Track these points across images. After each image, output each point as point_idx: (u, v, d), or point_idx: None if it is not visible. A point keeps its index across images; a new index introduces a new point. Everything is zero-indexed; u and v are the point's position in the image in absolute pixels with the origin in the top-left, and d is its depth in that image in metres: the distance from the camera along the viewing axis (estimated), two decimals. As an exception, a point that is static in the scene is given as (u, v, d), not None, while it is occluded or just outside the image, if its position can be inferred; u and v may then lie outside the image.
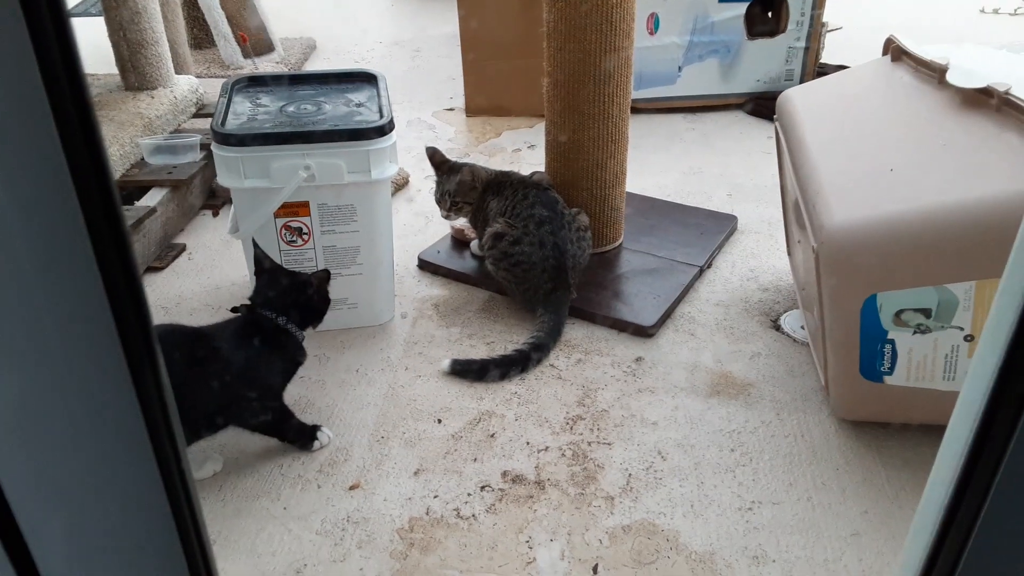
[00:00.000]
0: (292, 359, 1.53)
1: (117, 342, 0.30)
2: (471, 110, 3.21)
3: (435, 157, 2.11)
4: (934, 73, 1.59)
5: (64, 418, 0.31)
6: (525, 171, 2.45)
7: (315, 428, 1.56)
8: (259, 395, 1.48)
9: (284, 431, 1.54)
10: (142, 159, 2.33)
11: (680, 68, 3.14)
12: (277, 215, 1.76)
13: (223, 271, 2.16)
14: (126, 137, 2.26)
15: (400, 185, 2.61)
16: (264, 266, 1.55)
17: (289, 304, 1.51)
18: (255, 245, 1.57)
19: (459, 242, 2.24)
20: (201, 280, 2.13)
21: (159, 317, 1.62)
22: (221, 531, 1.39)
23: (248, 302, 1.52)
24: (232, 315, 1.51)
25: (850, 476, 1.48)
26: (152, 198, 2.19)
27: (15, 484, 0.32)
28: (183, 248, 2.25)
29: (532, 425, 1.63)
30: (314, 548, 1.35)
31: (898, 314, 1.38)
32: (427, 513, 1.42)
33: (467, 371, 1.75)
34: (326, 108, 1.83)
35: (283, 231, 1.79)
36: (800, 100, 1.82)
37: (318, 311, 1.57)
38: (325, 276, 1.56)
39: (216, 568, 0.38)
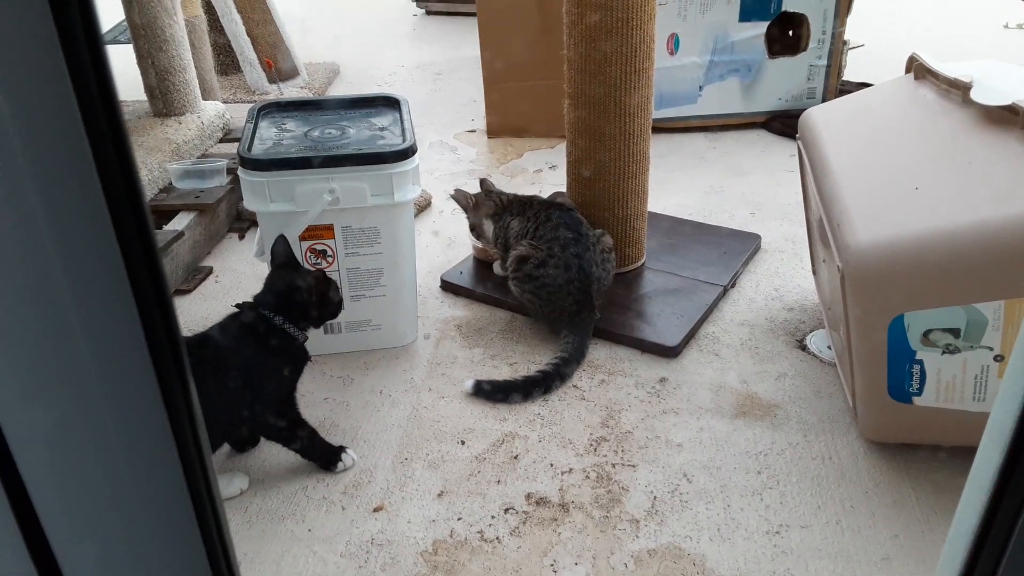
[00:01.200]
0: (291, 359, 1.52)
1: (151, 371, 0.31)
2: (492, 132, 3.23)
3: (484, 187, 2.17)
4: (958, 91, 1.58)
5: (97, 446, 0.32)
6: (547, 192, 2.47)
7: (340, 449, 1.57)
8: (260, 394, 1.48)
9: (305, 446, 1.54)
10: (170, 184, 2.37)
11: (701, 88, 3.15)
12: (302, 238, 1.78)
13: (249, 294, 2.17)
14: (154, 162, 2.30)
15: (423, 207, 2.63)
16: (278, 261, 1.57)
17: (287, 304, 1.52)
18: (283, 239, 1.58)
19: (481, 263, 2.25)
20: (228, 302, 2.15)
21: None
22: (247, 553, 1.40)
23: (249, 300, 1.54)
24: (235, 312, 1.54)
25: (879, 499, 1.46)
26: (180, 222, 2.23)
27: (49, 509, 0.33)
28: (210, 271, 2.28)
29: (556, 447, 1.62)
30: (338, 570, 1.35)
31: (926, 334, 1.37)
32: (451, 536, 1.42)
33: (490, 392, 1.75)
34: (350, 132, 1.85)
35: (308, 254, 1.80)
36: (822, 118, 1.82)
37: (316, 313, 1.57)
38: (321, 276, 1.57)
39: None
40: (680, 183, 2.78)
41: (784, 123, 3.13)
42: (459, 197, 2.19)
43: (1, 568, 0.36)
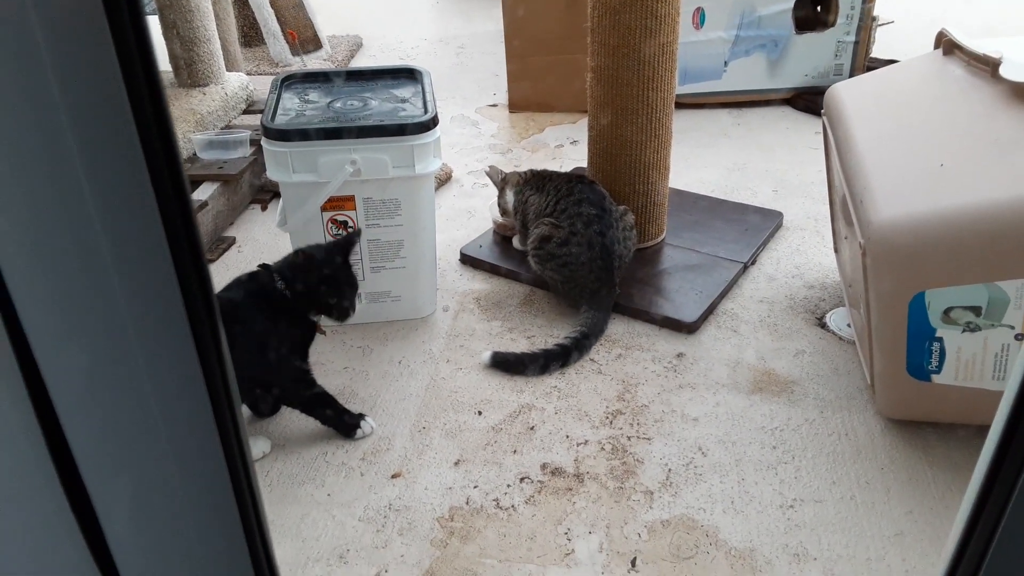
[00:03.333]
0: (297, 327, 1.54)
1: (183, 314, 0.32)
2: (514, 106, 3.22)
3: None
4: (987, 67, 1.55)
5: (131, 386, 0.34)
6: (567, 167, 2.47)
7: (360, 417, 1.59)
8: (265, 356, 1.50)
9: (324, 413, 1.57)
10: (194, 154, 2.40)
11: (726, 63, 3.11)
12: (324, 209, 1.79)
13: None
14: (179, 132, 2.33)
15: (443, 180, 2.64)
16: (313, 249, 1.60)
17: (296, 279, 1.53)
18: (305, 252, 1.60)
19: (501, 236, 2.26)
20: (250, 272, 2.18)
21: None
22: (267, 515, 1.42)
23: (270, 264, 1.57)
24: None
25: (895, 476, 1.46)
26: (203, 192, 2.25)
27: (83, 447, 0.35)
28: (233, 241, 2.31)
29: (572, 419, 1.64)
30: (357, 534, 1.38)
31: (947, 312, 1.36)
32: (467, 503, 1.44)
33: (508, 364, 1.77)
34: (372, 104, 1.86)
35: (330, 224, 1.82)
36: (848, 94, 1.80)
37: (316, 301, 1.56)
38: (305, 252, 1.57)
39: (267, 525, 0.40)
40: (703, 159, 2.76)
41: (810, 100, 3.09)
42: (492, 174, 2.20)
43: (37, 504, 0.37)
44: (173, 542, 0.38)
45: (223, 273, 2.18)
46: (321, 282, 1.55)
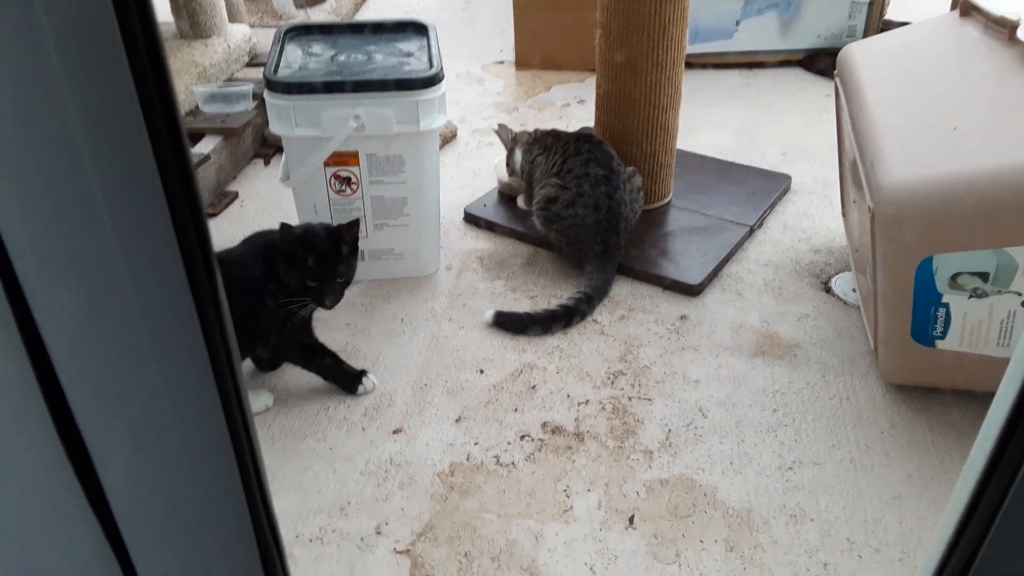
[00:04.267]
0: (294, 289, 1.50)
1: (178, 257, 0.32)
2: (521, 64, 3.17)
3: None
4: (1004, 29, 1.52)
5: (126, 332, 0.33)
6: (574, 127, 2.43)
7: (361, 373, 1.60)
8: (265, 315, 1.49)
9: (325, 369, 1.58)
10: (196, 107, 2.37)
11: (738, 22, 3.05)
12: (327, 164, 1.77)
13: (273, 219, 2.17)
14: (180, 85, 2.30)
15: (448, 138, 2.61)
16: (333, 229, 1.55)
17: (295, 251, 1.49)
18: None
19: (506, 196, 2.24)
20: (253, 227, 2.14)
21: (212, 262, 1.67)
22: (270, 467, 1.44)
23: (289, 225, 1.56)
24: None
25: (895, 440, 1.46)
26: (206, 146, 2.23)
27: (77, 392, 0.34)
28: (235, 196, 2.29)
29: (573, 378, 1.64)
30: (358, 487, 1.39)
31: (954, 277, 1.35)
32: (467, 459, 1.45)
33: (510, 323, 1.77)
34: (376, 58, 1.83)
35: (332, 180, 1.80)
36: (862, 55, 1.76)
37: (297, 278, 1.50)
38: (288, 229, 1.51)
39: (265, 472, 0.40)
40: (711, 121, 2.72)
41: (822, 61, 3.04)
42: (501, 133, 2.17)
43: (32, 451, 0.37)
44: (170, 489, 0.38)
45: (225, 228, 2.17)
46: (312, 260, 1.48)
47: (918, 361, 1.45)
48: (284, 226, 1.48)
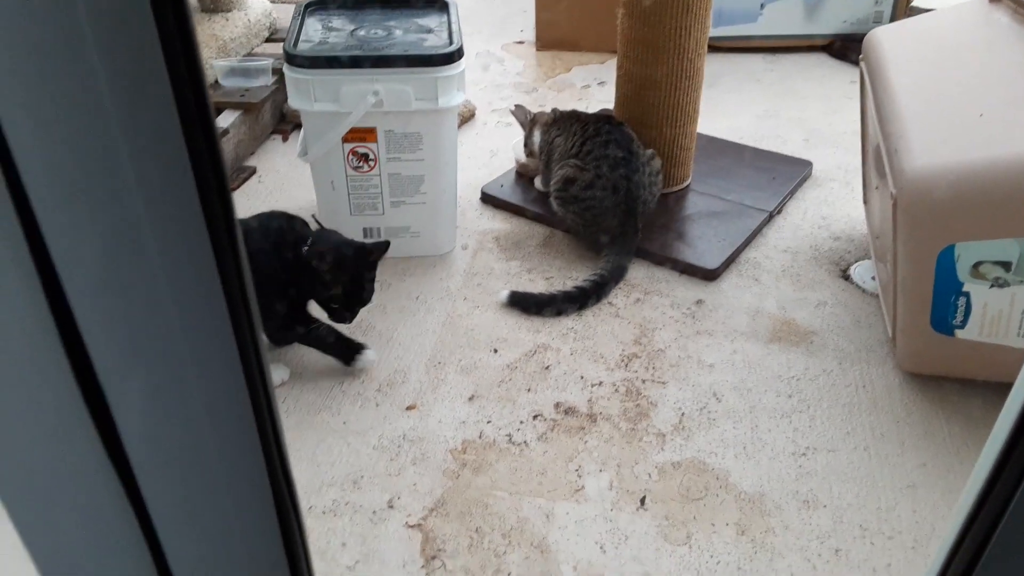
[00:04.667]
0: (303, 280, 1.50)
1: (199, 211, 0.31)
2: (542, 44, 3.15)
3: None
4: (1038, 12, 1.49)
5: (146, 281, 0.33)
6: (593, 109, 2.41)
7: (361, 346, 1.59)
8: (264, 292, 1.47)
9: (322, 343, 1.57)
10: (215, 81, 2.37)
11: (762, 5, 3.01)
12: (345, 140, 1.77)
13: (291, 195, 2.20)
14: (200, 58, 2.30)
15: (466, 118, 2.60)
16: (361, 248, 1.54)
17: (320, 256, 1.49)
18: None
19: (523, 177, 2.23)
20: (270, 203, 2.18)
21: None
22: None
23: (317, 225, 1.56)
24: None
25: (911, 429, 1.45)
26: (225, 120, 2.23)
27: (97, 343, 0.34)
28: (253, 171, 2.30)
29: (587, 360, 1.64)
30: (371, 461, 1.40)
31: (976, 266, 1.33)
32: (480, 437, 1.45)
33: (525, 304, 1.76)
34: (396, 33, 1.82)
35: (350, 156, 1.80)
36: (888, 40, 1.73)
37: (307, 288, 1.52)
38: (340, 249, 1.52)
39: (283, 431, 0.40)
40: (733, 105, 2.69)
41: (847, 47, 2.99)
42: (518, 114, 2.16)
43: (54, 401, 0.37)
44: (188, 444, 0.38)
45: (243, 203, 2.17)
46: (339, 279, 1.49)
47: (936, 350, 1.44)
48: (317, 250, 1.47)
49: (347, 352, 1.59)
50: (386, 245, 1.55)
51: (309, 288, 1.52)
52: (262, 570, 0.42)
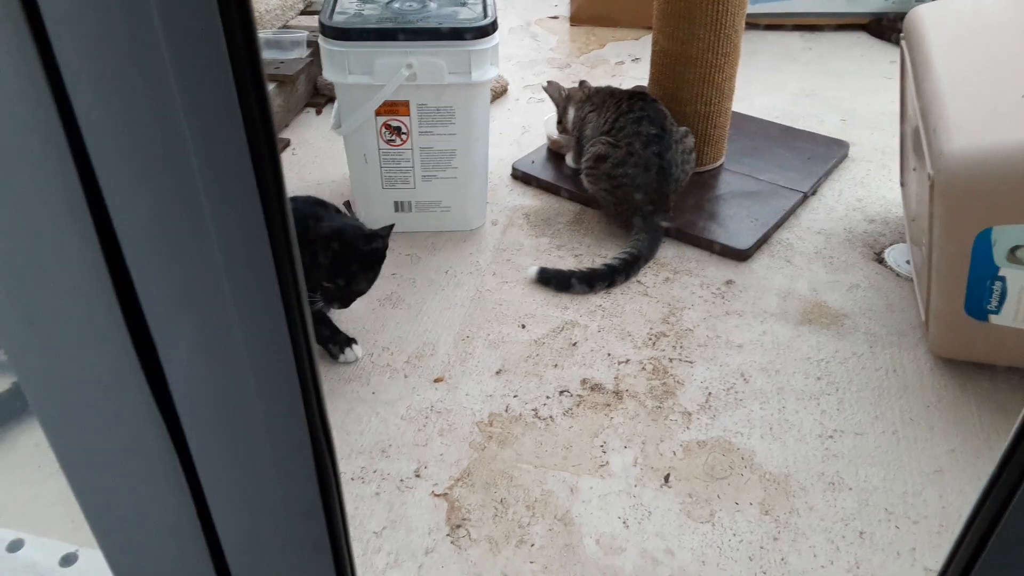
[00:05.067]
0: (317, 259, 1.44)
1: (249, 166, 0.32)
2: (576, 19, 3.12)
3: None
4: (1091, -10, 1.44)
5: (195, 230, 0.34)
6: (627, 85, 2.39)
7: (350, 340, 1.58)
8: None
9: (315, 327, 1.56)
10: (252, 54, 2.39)
11: (802, -18, 2.95)
12: (378, 113, 1.78)
13: (324, 168, 2.22)
14: (237, 31, 2.31)
15: (499, 93, 2.59)
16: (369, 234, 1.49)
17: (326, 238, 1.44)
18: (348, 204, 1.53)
19: (554, 154, 2.23)
20: (303, 176, 2.20)
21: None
22: (313, 409, 1.48)
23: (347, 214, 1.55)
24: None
25: (941, 414, 1.44)
26: (260, 92, 2.25)
27: (147, 289, 0.36)
28: (287, 143, 2.32)
29: (614, 338, 1.64)
30: (399, 431, 1.42)
31: (1013, 250, 1.31)
32: (506, 410, 1.47)
33: (554, 280, 1.77)
34: (431, 6, 1.82)
35: (383, 130, 1.81)
36: (931, 17, 1.69)
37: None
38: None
39: (321, 380, 0.41)
40: (769, 83, 2.65)
41: (889, 26, 2.93)
42: (551, 91, 2.14)
43: (105, 346, 0.39)
44: (231, 393, 0.39)
45: (277, 175, 2.20)
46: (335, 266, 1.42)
47: (969, 335, 1.42)
48: (317, 225, 1.42)
49: (336, 345, 1.57)
50: (390, 228, 1.48)
51: (306, 271, 1.44)
52: (298, 513, 0.44)
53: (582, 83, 2.13)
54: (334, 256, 1.42)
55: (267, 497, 0.43)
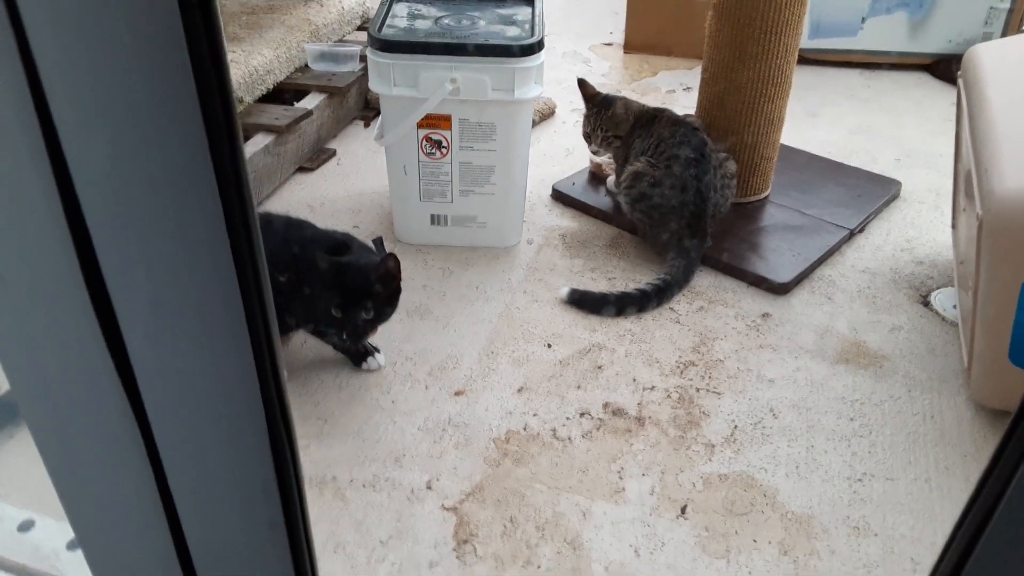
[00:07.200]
0: (330, 292, 1.41)
1: (203, 130, 0.32)
2: (630, 46, 3.12)
3: (586, 89, 2.08)
4: None
5: (153, 191, 0.34)
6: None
7: (373, 349, 1.58)
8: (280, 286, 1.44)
9: (337, 342, 1.57)
10: (306, 64, 2.44)
11: (863, 19, 2.90)
12: (420, 126, 1.79)
13: (366, 179, 2.25)
14: (293, 41, 2.37)
15: (545, 115, 2.59)
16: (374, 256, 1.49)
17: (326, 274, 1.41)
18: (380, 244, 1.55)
19: (595, 176, 2.22)
20: (346, 185, 2.23)
21: (304, 215, 1.71)
22: (334, 413, 1.48)
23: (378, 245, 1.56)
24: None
25: (978, 465, 1.36)
26: (310, 101, 2.30)
27: (107, 250, 0.35)
28: (333, 153, 2.36)
29: (641, 363, 1.61)
30: (414, 441, 1.41)
31: (1066, 297, 1.24)
32: (524, 428, 1.45)
33: (584, 302, 1.75)
34: (480, 23, 1.83)
35: (424, 142, 1.83)
36: (989, 57, 1.64)
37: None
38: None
39: (281, 359, 0.41)
40: (825, 119, 2.60)
41: (951, 68, 2.85)
42: (620, 111, 2.06)
43: (62, 302, 0.39)
44: (189, 364, 0.39)
45: (319, 183, 2.23)
46: (330, 290, 1.38)
47: (1013, 384, 1.35)
48: (320, 254, 1.39)
49: (358, 353, 1.57)
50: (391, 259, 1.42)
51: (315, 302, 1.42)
52: (254, 491, 0.43)
53: (581, 83, 2.08)
54: (340, 290, 1.38)
55: (221, 465, 0.42)
